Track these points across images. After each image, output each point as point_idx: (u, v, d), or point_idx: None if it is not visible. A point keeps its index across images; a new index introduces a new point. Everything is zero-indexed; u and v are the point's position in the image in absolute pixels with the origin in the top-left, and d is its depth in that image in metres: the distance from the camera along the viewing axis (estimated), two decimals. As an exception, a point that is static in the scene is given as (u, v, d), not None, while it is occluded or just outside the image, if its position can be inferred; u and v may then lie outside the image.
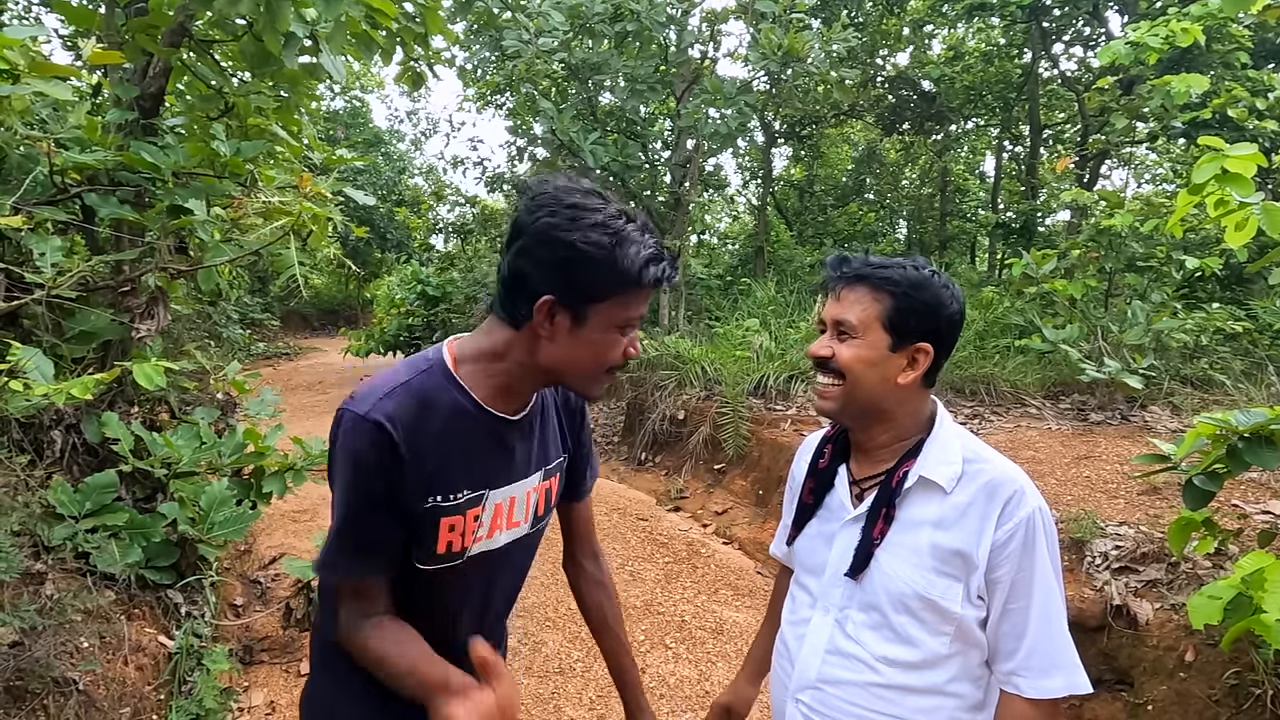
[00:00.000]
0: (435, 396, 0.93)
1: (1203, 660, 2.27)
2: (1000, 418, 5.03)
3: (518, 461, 1.01)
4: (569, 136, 6.95)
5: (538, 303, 0.89)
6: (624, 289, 0.89)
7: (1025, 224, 8.83)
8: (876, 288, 1.03)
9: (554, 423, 1.10)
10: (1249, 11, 2.59)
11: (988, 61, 10.62)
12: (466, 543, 0.96)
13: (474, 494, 0.96)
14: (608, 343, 0.93)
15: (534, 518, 1.07)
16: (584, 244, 0.86)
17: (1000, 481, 1.00)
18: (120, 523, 2.30)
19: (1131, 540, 2.90)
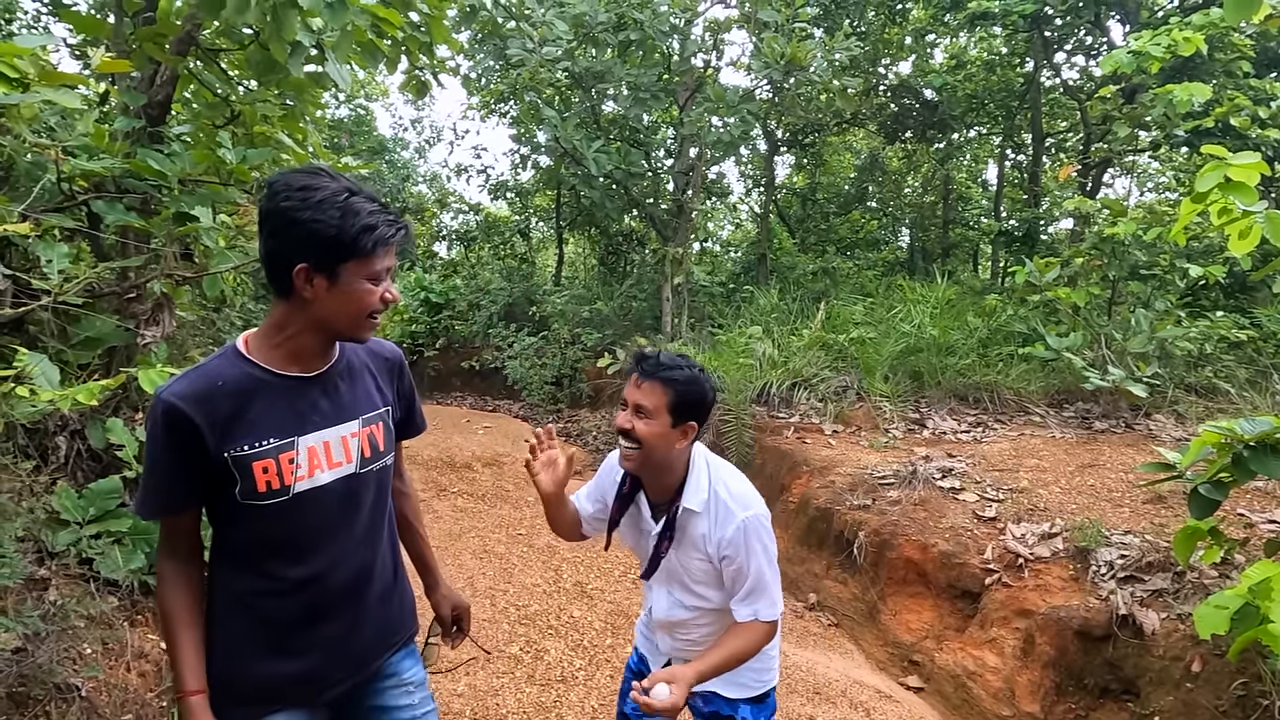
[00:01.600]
0: (224, 371, 1.12)
1: (1210, 670, 2.25)
2: (1003, 425, 5.02)
3: (325, 412, 1.19)
4: (572, 144, 6.97)
5: (294, 271, 1.07)
6: (361, 250, 1.08)
7: (1028, 232, 8.83)
8: (665, 384, 1.43)
9: (366, 380, 1.28)
10: (1252, 20, 2.59)
11: (990, 70, 10.65)
12: (287, 481, 1.13)
13: (283, 440, 1.13)
14: (362, 292, 1.12)
15: (360, 459, 1.23)
16: (317, 219, 1.05)
17: (724, 511, 1.49)
18: (124, 529, 2.30)
19: (1137, 549, 2.89)
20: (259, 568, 1.17)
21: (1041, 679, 2.67)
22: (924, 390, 5.43)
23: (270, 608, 1.18)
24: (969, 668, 2.89)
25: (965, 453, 4.42)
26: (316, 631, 1.21)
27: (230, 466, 1.10)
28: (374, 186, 9.99)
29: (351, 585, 1.24)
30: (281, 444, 1.13)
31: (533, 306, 9.06)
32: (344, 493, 1.20)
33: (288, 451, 1.13)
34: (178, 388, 1.09)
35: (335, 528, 1.21)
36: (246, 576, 1.18)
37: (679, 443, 1.47)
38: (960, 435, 4.87)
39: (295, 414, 1.15)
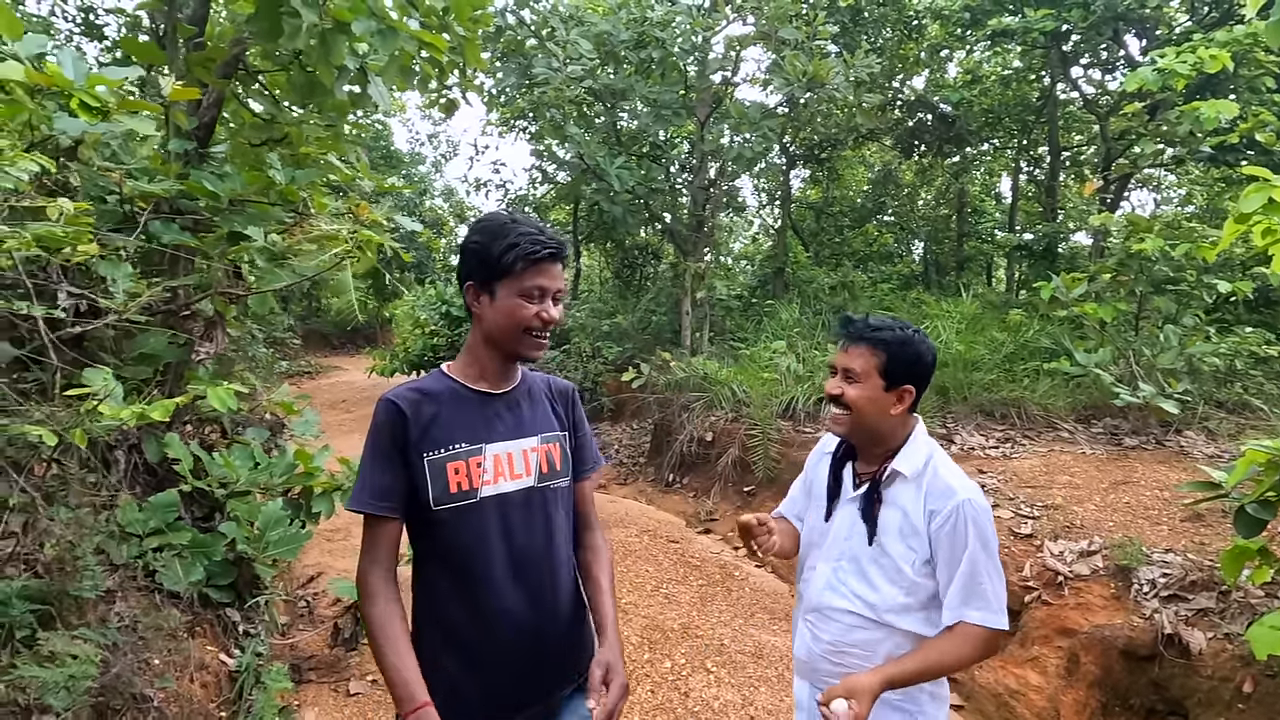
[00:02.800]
0: (432, 387, 1.30)
1: (1262, 692, 2.24)
2: (1032, 441, 5.01)
3: (509, 424, 1.32)
4: (595, 161, 7.05)
5: (465, 288, 1.29)
6: (507, 266, 1.22)
7: (1047, 246, 8.83)
8: (873, 345, 1.38)
9: (545, 405, 1.41)
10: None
11: (1005, 85, 10.69)
12: (475, 484, 1.25)
13: (472, 446, 1.26)
14: (516, 307, 1.24)
15: (539, 474, 1.32)
16: (476, 242, 1.26)
17: (942, 485, 1.36)
18: (184, 541, 2.35)
19: (1179, 567, 2.88)
20: (453, 580, 1.25)
21: (1087, 699, 2.66)
22: (950, 406, 5.43)
23: (460, 622, 1.25)
24: (1011, 686, 2.89)
25: (995, 469, 4.42)
26: (505, 647, 1.26)
27: (425, 470, 1.22)
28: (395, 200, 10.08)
29: (529, 600, 1.28)
30: (471, 449, 1.26)
31: (553, 320, 9.15)
32: (524, 504, 1.29)
33: (476, 456, 1.26)
34: (397, 392, 1.28)
35: (515, 537, 1.28)
36: (443, 589, 1.26)
37: (894, 407, 1.39)
38: (989, 451, 4.86)
39: (483, 422, 1.29)
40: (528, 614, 1.28)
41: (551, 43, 6.93)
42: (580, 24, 7.21)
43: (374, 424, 1.25)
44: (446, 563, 1.25)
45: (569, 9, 7.39)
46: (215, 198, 2.86)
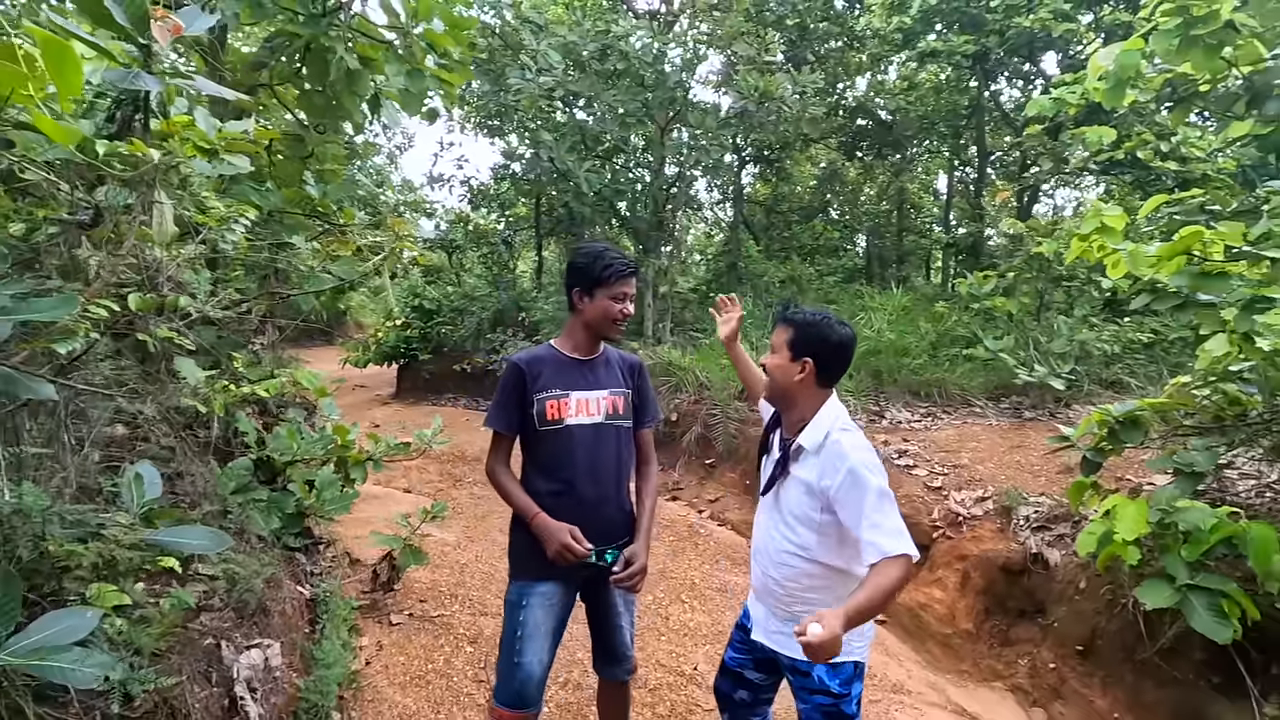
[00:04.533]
0: (543, 353, 1.99)
1: (1090, 586, 3.05)
2: (950, 415, 5.86)
3: (589, 380, 1.97)
4: (566, 165, 7.61)
5: (571, 291, 1.94)
6: (604, 279, 1.88)
7: (973, 244, 9.81)
8: (787, 324, 1.74)
9: (616, 370, 2.04)
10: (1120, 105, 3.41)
11: (938, 93, 11.64)
12: (563, 414, 1.92)
13: (563, 392, 1.93)
14: (608, 305, 1.90)
15: (606, 414, 1.97)
16: (582, 262, 1.91)
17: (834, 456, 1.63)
18: (263, 498, 2.89)
19: (1047, 506, 3.70)
20: (546, 472, 1.93)
21: (975, 605, 3.45)
22: (883, 387, 6.24)
23: (551, 496, 1.92)
24: (921, 601, 3.66)
25: (918, 438, 5.23)
26: (575, 511, 1.90)
27: (535, 404, 1.91)
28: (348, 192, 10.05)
29: (595, 491, 1.94)
30: (563, 394, 1.92)
31: (522, 312, 9.65)
32: (594, 432, 1.95)
33: (564, 398, 1.92)
34: (521, 356, 1.97)
35: (589, 452, 1.93)
36: (540, 479, 1.94)
37: (797, 375, 1.68)
38: (914, 424, 5.68)
39: (572, 378, 1.95)
40: (591, 498, 1.93)
41: (524, 54, 7.44)
42: (549, 34, 7.73)
43: (505, 375, 1.95)
44: (542, 460, 1.94)
45: (539, 20, 7.89)
46: (260, 210, 3.36)
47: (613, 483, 1.98)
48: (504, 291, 10.33)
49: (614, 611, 2.04)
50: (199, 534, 1.77)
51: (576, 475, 1.91)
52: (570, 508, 1.89)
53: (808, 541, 1.69)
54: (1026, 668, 3.17)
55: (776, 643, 1.80)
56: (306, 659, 2.52)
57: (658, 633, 3.43)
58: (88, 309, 1.51)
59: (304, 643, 2.63)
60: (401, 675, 2.89)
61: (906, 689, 3.03)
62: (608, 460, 1.96)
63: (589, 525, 1.89)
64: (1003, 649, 3.32)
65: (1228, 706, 2.41)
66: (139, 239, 1.79)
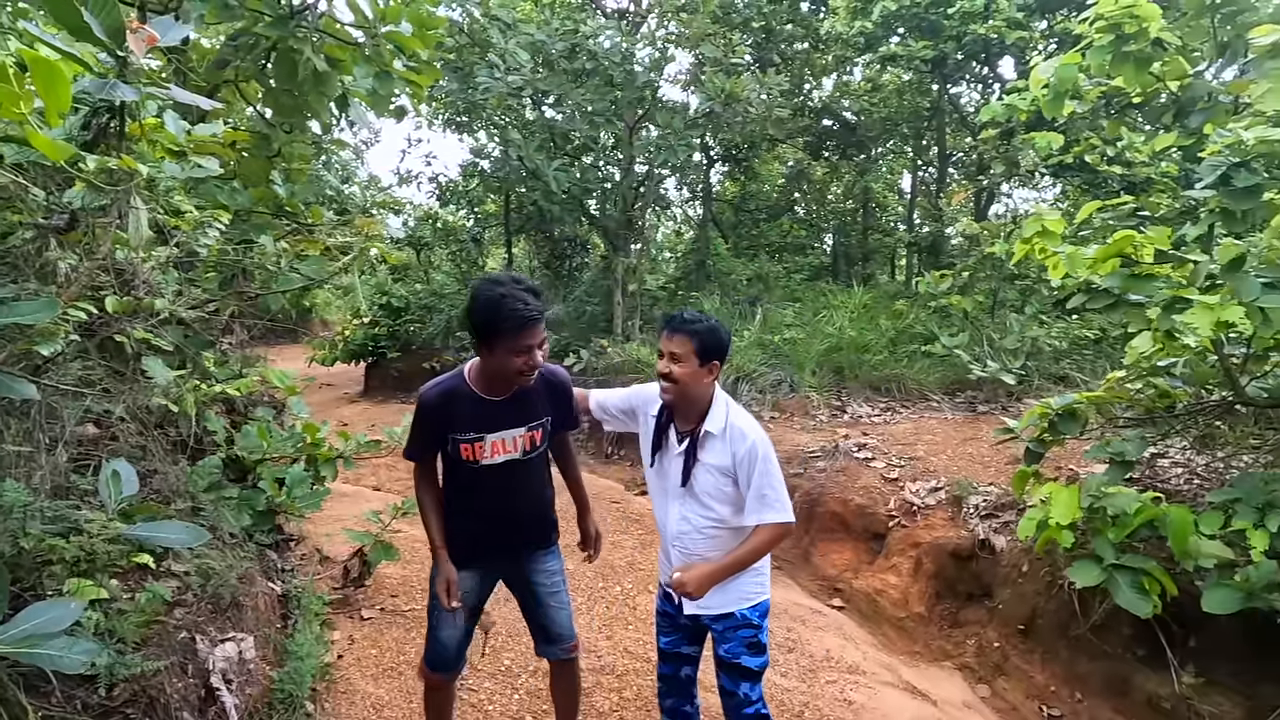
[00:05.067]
0: (455, 388, 1.94)
1: (1031, 569, 3.24)
2: (908, 410, 6.08)
3: (505, 419, 1.95)
4: (535, 165, 7.66)
5: (472, 341, 1.85)
6: (502, 331, 1.76)
7: (933, 243, 10.10)
8: (689, 334, 1.86)
9: (535, 400, 1.98)
10: (1060, 115, 3.61)
11: (900, 95, 11.93)
12: (479, 457, 1.94)
13: (477, 435, 1.93)
14: (510, 360, 1.81)
15: (524, 450, 1.99)
16: (476, 314, 1.79)
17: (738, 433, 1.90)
18: (233, 496, 2.92)
19: (995, 496, 3.90)
20: (465, 496, 2.02)
21: (927, 589, 3.64)
22: (845, 382, 6.44)
23: (469, 515, 2.03)
24: (877, 587, 3.84)
25: (877, 432, 5.43)
26: (493, 528, 2.04)
27: (450, 442, 1.93)
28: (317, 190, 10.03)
29: (513, 512, 2.06)
30: (477, 437, 1.93)
31: (491, 310, 9.66)
32: (510, 468, 1.99)
33: (479, 442, 1.93)
34: (432, 395, 1.93)
35: (505, 484, 2.00)
36: (459, 498, 2.02)
37: (706, 378, 1.88)
38: (874, 418, 5.88)
39: (487, 420, 1.93)
40: (510, 517, 2.05)
41: (492, 53, 7.46)
42: (517, 32, 7.75)
43: (419, 409, 1.96)
44: (460, 484, 2.02)
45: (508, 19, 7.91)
46: (228, 210, 3.37)
47: (532, 501, 2.08)
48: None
49: (540, 594, 2.12)
50: (176, 529, 1.82)
51: (494, 503, 2.01)
52: (488, 525, 2.02)
53: (724, 514, 1.94)
54: (974, 647, 3.35)
55: (707, 606, 1.99)
56: (280, 652, 2.57)
57: (625, 621, 3.54)
58: (67, 312, 1.55)
59: (277, 637, 2.67)
60: (373, 667, 2.95)
61: (862, 670, 3.19)
62: (525, 487, 2.05)
63: (508, 538, 2.04)
64: (952, 630, 3.50)
65: (1151, 676, 2.61)
66: (115, 243, 1.83)
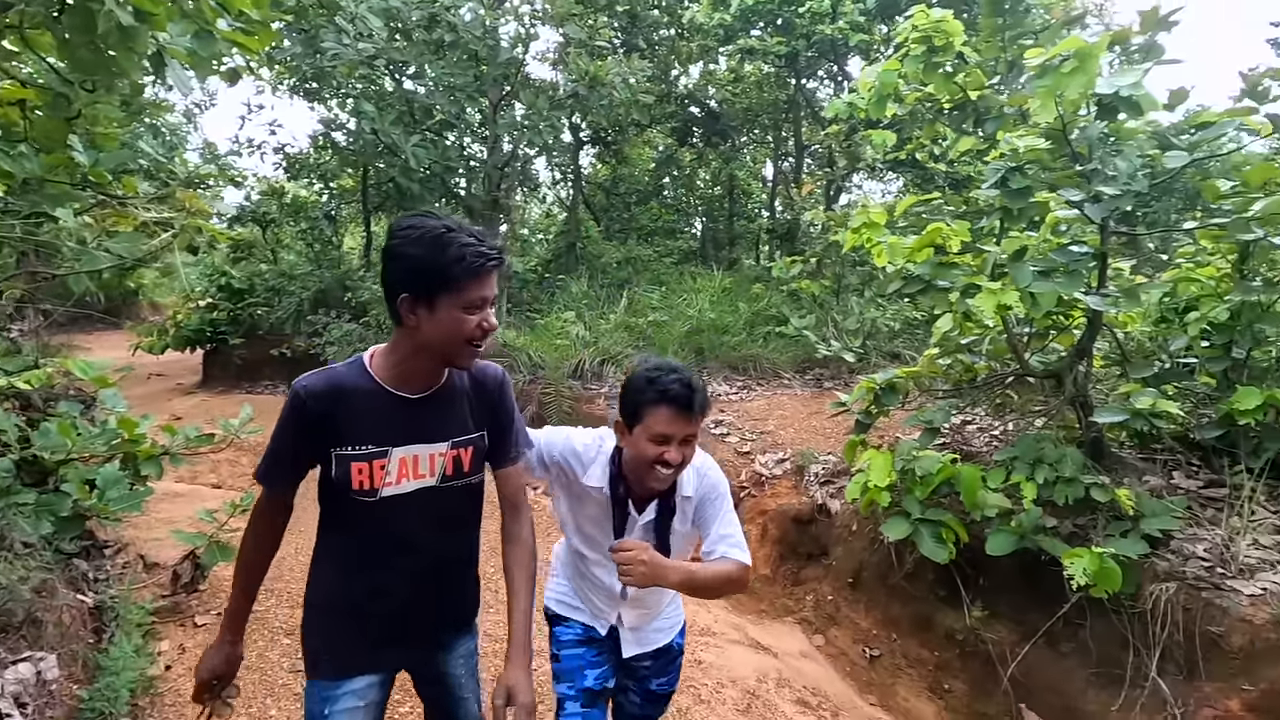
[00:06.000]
0: (347, 380, 1.31)
1: (859, 528, 3.60)
2: (763, 387, 6.47)
3: (421, 429, 1.33)
4: (391, 139, 7.29)
5: (398, 301, 1.24)
6: (453, 280, 1.20)
7: (789, 230, 10.73)
8: (701, 414, 1.53)
9: (463, 405, 1.39)
10: (884, 116, 3.97)
11: (760, 88, 12.50)
12: (376, 484, 1.31)
13: (378, 449, 1.30)
14: (458, 320, 1.23)
15: (442, 475, 1.36)
16: (414, 253, 1.21)
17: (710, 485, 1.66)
18: (29, 501, 2.60)
19: (832, 464, 4.27)
20: (349, 560, 1.38)
21: (772, 552, 3.94)
22: (705, 362, 6.73)
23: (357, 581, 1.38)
24: (729, 554, 4.11)
25: (734, 409, 5.74)
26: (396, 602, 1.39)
27: (334, 463, 1.29)
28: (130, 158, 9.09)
29: (425, 586, 1.41)
30: (377, 451, 1.30)
31: (348, 293, 9.13)
32: (424, 501, 1.36)
33: (381, 459, 1.30)
34: (311, 382, 1.29)
35: (414, 533, 1.37)
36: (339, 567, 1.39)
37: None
38: (731, 396, 6.21)
39: (395, 426, 1.31)
40: (418, 597, 1.40)
41: (340, 17, 6.97)
42: (369, -2, 7.29)
43: (287, 410, 1.29)
44: (343, 533, 1.38)
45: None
46: (12, 178, 2.96)
47: (453, 566, 1.48)
48: (327, 270, 9.69)
49: (456, 690, 1.56)
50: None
51: (395, 569, 1.38)
52: (384, 614, 1.40)
53: (680, 557, 1.71)
54: (811, 602, 3.68)
55: (655, 641, 1.83)
56: (91, 669, 2.34)
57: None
58: None
59: (88, 653, 2.43)
60: (209, 675, 2.76)
61: (713, 631, 3.40)
62: (445, 539, 1.44)
63: (419, 620, 1.44)
64: (794, 588, 3.82)
65: (949, 613, 3.00)
66: None
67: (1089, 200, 2.83)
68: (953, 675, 2.92)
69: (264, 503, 1.40)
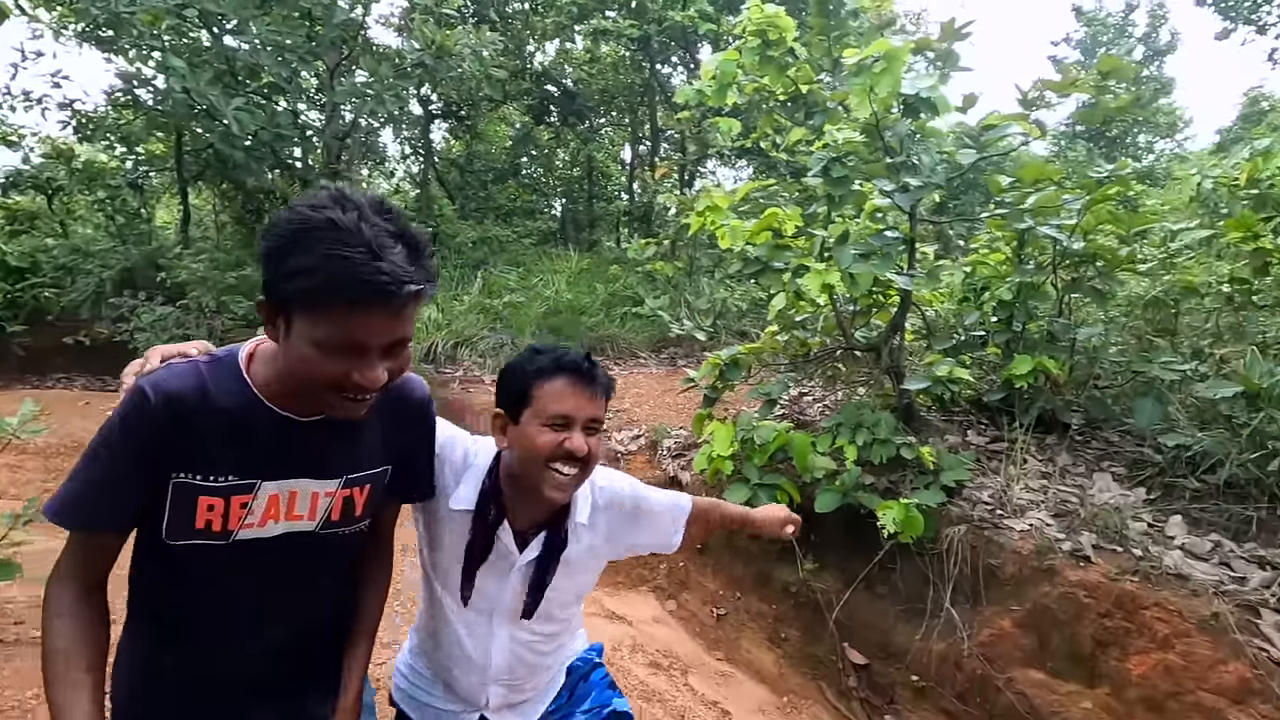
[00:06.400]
0: (215, 385, 0.94)
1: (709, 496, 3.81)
2: (620, 367, 6.60)
3: (306, 460, 1.00)
4: (208, 101, 6.54)
5: (257, 304, 0.89)
6: (307, 297, 0.80)
7: (645, 213, 10.95)
8: (604, 393, 1.21)
9: (368, 434, 1.06)
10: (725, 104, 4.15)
11: (616, 69, 12.56)
12: (231, 525, 0.96)
13: (242, 481, 0.95)
14: (308, 360, 0.85)
15: (324, 520, 1.03)
16: (267, 238, 0.82)
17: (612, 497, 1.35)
18: None
19: (683, 437, 4.46)
20: (174, 632, 1.03)
21: (627, 526, 4.07)
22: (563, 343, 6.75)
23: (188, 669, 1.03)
24: (586, 531, 4.19)
25: (591, 388, 5.81)
26: (228, 708, 1.06)
27: (169, 493, 0.93)
28: None
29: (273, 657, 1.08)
30: (239, 484, 0.95)
31: (160, 272, 8.11)
32: (289, 550, 1.02)
33: (243, 494, 0.96)
34: (165, 380, 0.93)
35: (271, 585, 1.04)
36: (157, 642, 1.04)
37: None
38: (589, 376, 6.29)
39: (273, 456, 0.97)
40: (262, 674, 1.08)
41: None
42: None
43: (120, 417, 0.91)
44: (166, 597, 1.01)
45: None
46: None
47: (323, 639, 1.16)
48: (134, 246, 8.56)
49: None
50: None
51: (239, 643, 1.06)
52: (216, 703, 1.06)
53: (571, 613, 1.39)
54: (665, 570, 3.85)
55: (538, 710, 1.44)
56: None
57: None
58: None
59: None
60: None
61: (570, 606, 3.47)
62: (305, 599, 1.10)
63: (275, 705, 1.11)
64: (648, 558, 3.97)
65: (785, 568, 3.26)
66: None
67: (899, 190, 3.16)
68: (789, 625, 3.19)
69: (66, 566, 0.95)
